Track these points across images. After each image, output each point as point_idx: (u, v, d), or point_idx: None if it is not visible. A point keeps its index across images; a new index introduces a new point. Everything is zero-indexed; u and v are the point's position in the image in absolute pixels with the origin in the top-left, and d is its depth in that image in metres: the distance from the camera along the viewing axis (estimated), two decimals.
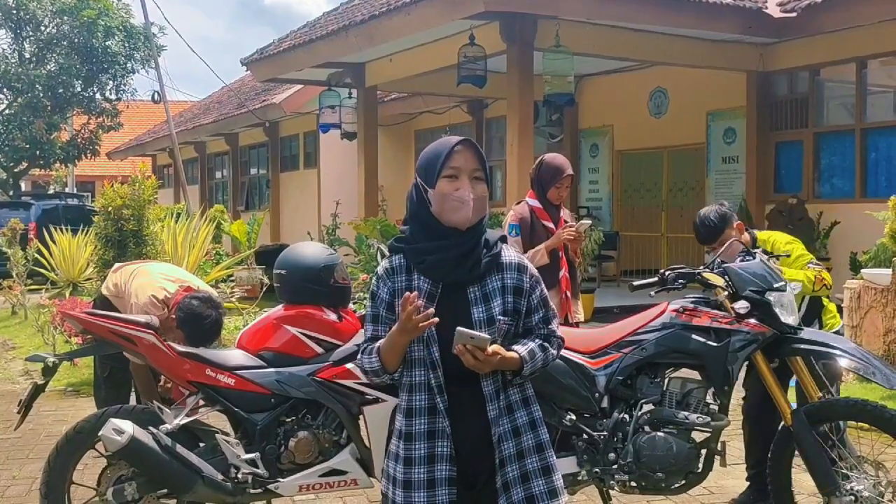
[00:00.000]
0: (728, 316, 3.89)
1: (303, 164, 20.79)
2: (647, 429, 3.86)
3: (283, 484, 4.01)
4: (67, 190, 31.64)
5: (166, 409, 4.04)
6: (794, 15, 11.07)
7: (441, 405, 2.53)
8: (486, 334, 2.45)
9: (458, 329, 2.43)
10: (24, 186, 31.01)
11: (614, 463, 3.87)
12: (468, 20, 10.62)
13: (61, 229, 13.33)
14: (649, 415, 3.89)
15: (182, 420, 3.98)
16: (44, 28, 24.12)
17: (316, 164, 19.83)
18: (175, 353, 4.04)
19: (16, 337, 11.08)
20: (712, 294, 4.02)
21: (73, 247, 13.06)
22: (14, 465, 5.78)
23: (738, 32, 11.48)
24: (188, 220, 11.31)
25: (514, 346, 2.57)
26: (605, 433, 3.89)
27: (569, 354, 3.88)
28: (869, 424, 3.89)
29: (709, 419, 3.85)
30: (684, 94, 14.01)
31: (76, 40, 23.26)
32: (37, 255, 13.26)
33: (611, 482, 3.92)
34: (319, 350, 4.09)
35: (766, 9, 11.39)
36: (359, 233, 13.35)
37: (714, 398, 3.94)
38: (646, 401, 3.92)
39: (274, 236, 20.72)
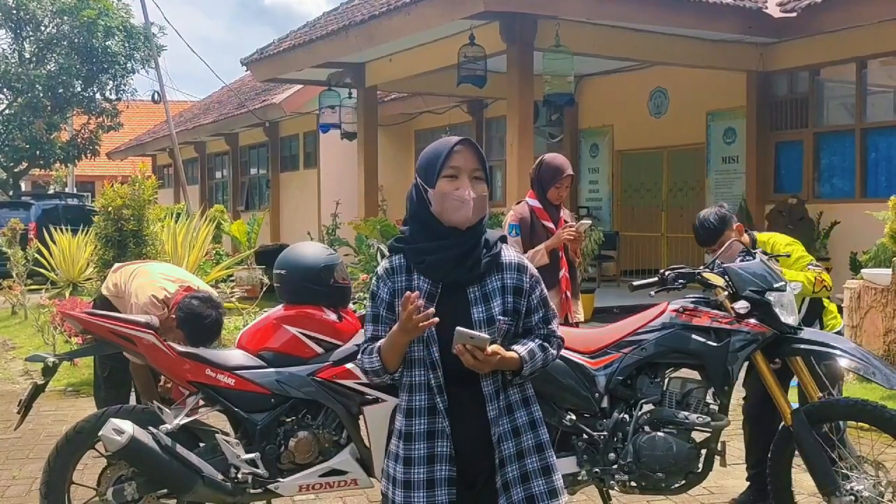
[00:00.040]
0: (728, 316, 3.89)
1: (303, 164, 20.79)
2: (647, 429, 3.86)
3: (283, 484, 4.01)
4: (67, 190, 31.63)
5: (166, 409, 4.04)
6: (794, 15, 11.07)
7: (441, 405, 2.53)
8: (486, 334, 2.45)
9: (457, 329, 2.43)
10: (24, 186, 31.01)
11: (614, 463, 3.87)
12: (468, 20, 10.62)
13: (61, 229, 13.32)
14: (649, 415, 3.89)
15: (182, 420, 3.98)
16: (44, 28, 24.12)
17: (316, 164, 19.83)
18: (175, 353, 4.04)
19: (16, 337, 11.08)
20: (712, 294, 4.02)
21: (73, 247, 13.05)
22: (14, 465, 5.78)
23: (738, 32, 11.48)
24: (188, 220, 11.31)
25: (513, 346, 2.57)
26: (605, 433, 3.89)
27: (569, 354, 3.88)
28: (869, 424, 3.89)
29: (709, 419, 3.85)
30: (684, 94, 14.01)
31: (76, 40, 23.26)
32: (37, 255, 13.26)
33: (611, 482, 3.92)
34: (319, 350, 4.09)
35: (766, 9, 11.39)
36: (359, 233, 13.35)
37: (714, 398, 3.94)
38: (646, 401, 3.92)
39: (274, 236, 20.72)
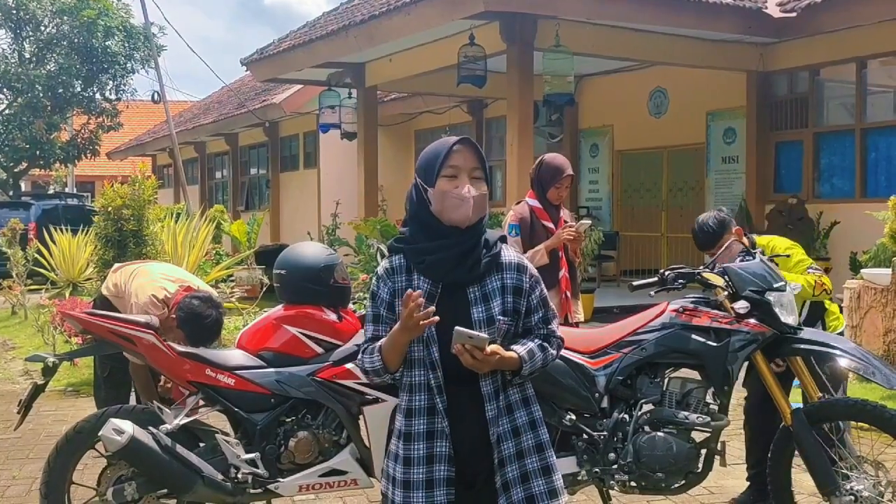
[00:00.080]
0: (728, 316, 3.89)
1: (303, 164, 20.79)
2: (646, 429, 3.86)
3: (283, 484, 4.01)
4: (67, 190, 31.63)
5: (166, 409, 4.04)
6: (793, 15, 11.08)
7: (440, 405, 2.53)
8: (485, 334, 2.46)
9: (456, 328, 2.43)
10: (24, 186, 31.00)
11: (614, 463, 3.87)
12: (468, 20, 10.62)
13: (61, 229, 13.32)
14: (649, 415, 3.89)
15: (182, 420, 3.98)
16: (44, 28, 24.11)
17: (316, 164, 19.83)
18: (175, 353, 4.04)
19: (16, 337, 11.08)
20: (712, 294, 4.02)
21: (73, 247, 13.05)
22: (14, 465, 5.78)
23: (738, 32, 11.48)
24: (188, 220, 11.29)
25: (513, 346, 2.57)
26: (605, 433, 3.89)
27: (569, 354, 3.88)
28: (869, 424, 3.89)
29: (709, 419, 3.85)
30: (684, 94, 14.01)
31: (76, 40, 23.26)
32: (37, 256, 13.26)
33: (611, 482, 3.92)
34: (319, 350, 4.09)
35: (766, 9, 11.39)
36: (359, 233, 13.35)
37: (714, 398, 3.93)
38: (646, 401, 3.92)
39: (274, 236, 20.72)
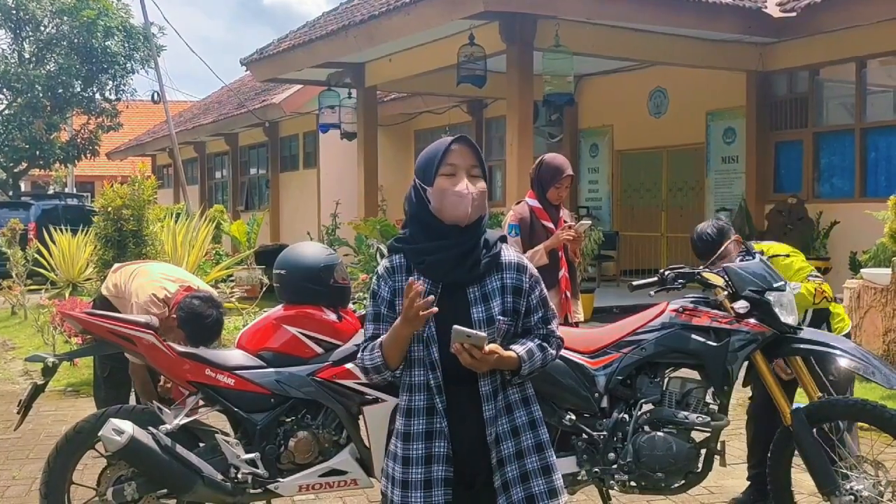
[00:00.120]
0: (728, 316, 3.89)
1: (302, 164, 20.79)
2: (646, 429, 3.86)
3: (283, 484, 4.01)
4: (67, 190, 31.62)
5: (166, 409, 4.04)
6: (793, 15, 11.08)
7: (440, 405, 2.53)
8: (484, 333, 2.46)
9: (454, 327, 2.43)
10: (23, 186, 30.98)
11: (614, 463, 3.87)
12: (468, 20, 10.62)
13: (61, 229, 13.31)
14: (649, 415, 3.90)
15: (182, 420, 3.98)
16: (43, 28, 24.11)
17: (316, 164, 19.83)
18: (175, 353, 4.04)
19: (16, 337, 11.08)
20: (712, 294, 4.03)
21: (72, 247, 13.05)
22: (14, 465, 5.78)
23: (738, 32, 11.49)
24: (188, 220, 11.29)
25: (512, 346, 2.57)
26: (604, 433, 3.89)
27: (568, 354, 3.88)
28: (869, 424, 3.89)
29: (708, 419, 3.85)
30: (684, 94, 14.01)
31: (76, 40, 23.24)
32: (36, 256, 13.26)
33: (610, 482, 3.92)
34: (319, 350, 4.09)
35: (766, 8, 11.39)
36: (358, 233, 13.35)
37: (714, 398, 3.93)
38: (645, 401, 3.92)
39: (274, 236, 20.72)
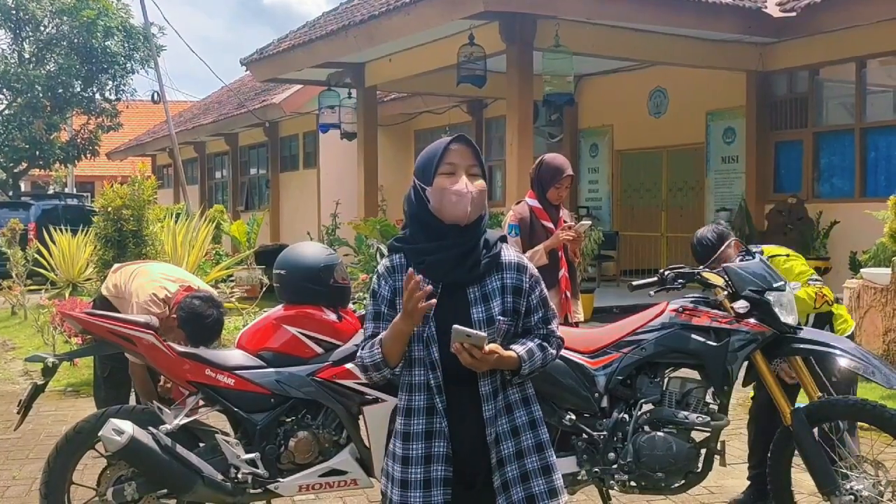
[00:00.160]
0: (727, 316, 3.89)
1: (302, 164, 20.79)
2: (646, 428, 3.86)
3: (283, 484, 4.01)
4: (67, 190, 31.61)
5: (166, 409, 4.04)
6: (793, 15, 11.08)
7: (440, 405, 2.53)
8: (484, 333, 2.46)
9: (454, 327, 2.43)
10: (23, 187, 30.98)
11: (614, 463, 3.87)
12: (468, 20, 10.63)
13: (61, 229, 13.31)
14: (649, 414, 3.90)
15: (182, 420, 3.98)
16: (43, 28, 24.10)
17: (316, 164, 19.84)
18: (174, 353, 4.04)
19: (16, 337, 11.08)
20: (712, 294, 4.03)
21: (72, 247, 13.04)
22: (14, 465, 5.78)
23: (738, 32, 11.49)
24: (188, 220, 11.28)
25: (512, 346, 2.56)
26: (604, 433, 3.89)
27: (569, 354, 3.88)
28: (869, 424, 3.90)
29: (708, 419, 3.85)
30: (684, 93, 14.01)
31: (75, 40, 23.24)
32: (36, 256, 13.26)
33: (610, 482, 3.92)
34: (319, 350, 4.09)
35: (766, 8, 11.40)
36: (358, 233, 13.35)
37: (714, 398, 3.93)
38: (645, 400, 3.92)
39: (274, 236, 20.72)
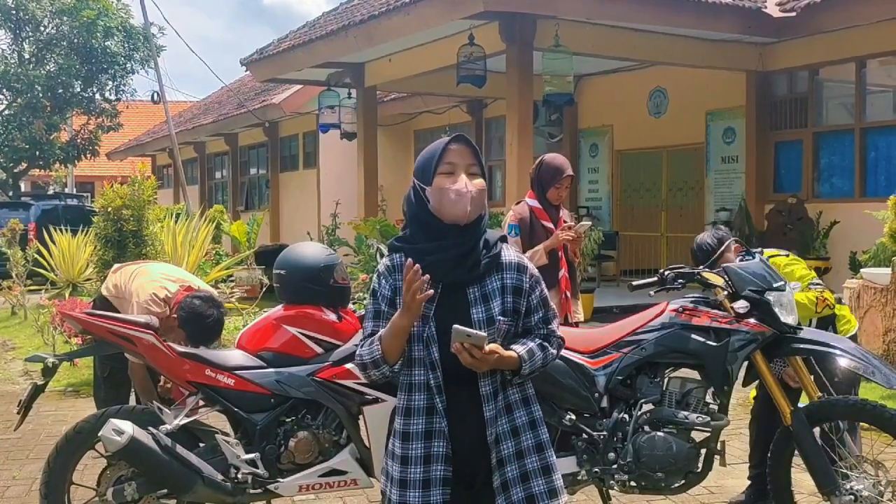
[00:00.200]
0: (727, 315, 3.89)
1: (302, 165, 20.79)
2: (646, 428, 3.86)
3: (283, 484, 4.01)
4: (67, 190, 31.61)
5: (166, 410, 4.04)
6: (793, 15, 11.08)
7: (440, 405, 2.53)
8: (484, 333, 2.45)
9: (454, 327, 2.43)
10: (23, 187, 30.97)
11: (614, 463, 3.87)
12: (468, 20, 10.63)
13: (61, 230, 13.31)
14: (649, 414, 3.90)
15: (182, 420, 3.98)
16: (43, 28, 24.10)
17: (315, 165, 19.84)
18: (174, 354, 4.04)
19: (16, 337, 11.08)
20: (712, 294, 4.03)
21: (72, 247, 13.04)
22: (14, 466, 5.78)
23: (738, 32, 11.49)
24: (188, 220, 11.28)
25: (512, 346, 2.56)
26: (604, 433, 3.89)
27: (568, 354, 3.88)
28: (869, 424, 3.90)
29: (708, 419, 3.85)
30: (684, 93, 14.01)
31: (75, 41, 23.24)
32: (36, 256, 13.26)
33: (610, 482, 3.91)
34: (319, 350, 4.09)
35: (766, 8, 11.40)
36: (358, 233, 13.35)
37: (714, 398, 3.93)
38: (645, 400, 3.92)
39: (274, 236, 20.72)
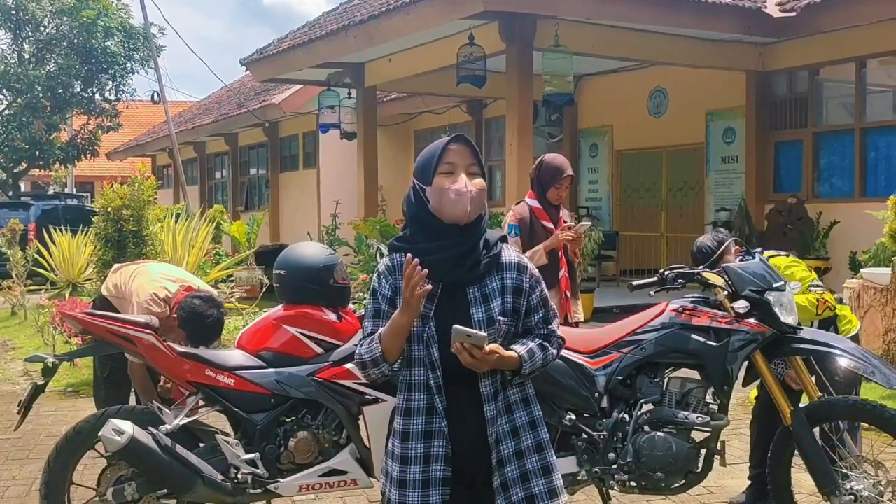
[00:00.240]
0: (727, 315, 3.89)
1: (302, 165, 20.79)
2: (646, 428, 3.86)
3: (283, 484, 4.01)
4: (67, 190, 31.61)
5: (166, 410, 4.04)
6: (793, 14, 11.08)
7: (439, 405, 2.53)
8: (484, 333, 2.45)
9: (454, 327, 2.43)
10: (23, 187, 30.97)
11: (614, 463, 3.87)
12: (468, 20, 10.62)
13: (61, 230, 13.31)
14: (649, 414, 3.90)
15: (182, 420, 3.98)
16: (43, 28, 24.10)
17: (315, 165, 19.84)
18: (174, 354, 4.04)
19: (16, 337, 11.08)
20: (712, 294, 4.03)
21: (72, 247, 13.04)
22: (14, 466, 5.78)
23: (738, 32, 11.49)
24: (188, 220, 11.28)
25: (513, 346, 2.56)
26: (604, 433, 3.89)
27: (569, 354, 3.88)
28: (869, 424, 3.90)
29: (708, 419, 3.85)
30: (684, 93, 14.01)
31: (75, 41, 23.23)
32: (36, 256, 13.26)
33: (610, 482, 3.92)
34: (319, 350, 4.09)
35: (766, 8, 11.39)
36: (358, 233, 13.36)
37: (714, 398, 3.93)
38: (645, 400, 3.92)
39: (273, 236, 20.72)
